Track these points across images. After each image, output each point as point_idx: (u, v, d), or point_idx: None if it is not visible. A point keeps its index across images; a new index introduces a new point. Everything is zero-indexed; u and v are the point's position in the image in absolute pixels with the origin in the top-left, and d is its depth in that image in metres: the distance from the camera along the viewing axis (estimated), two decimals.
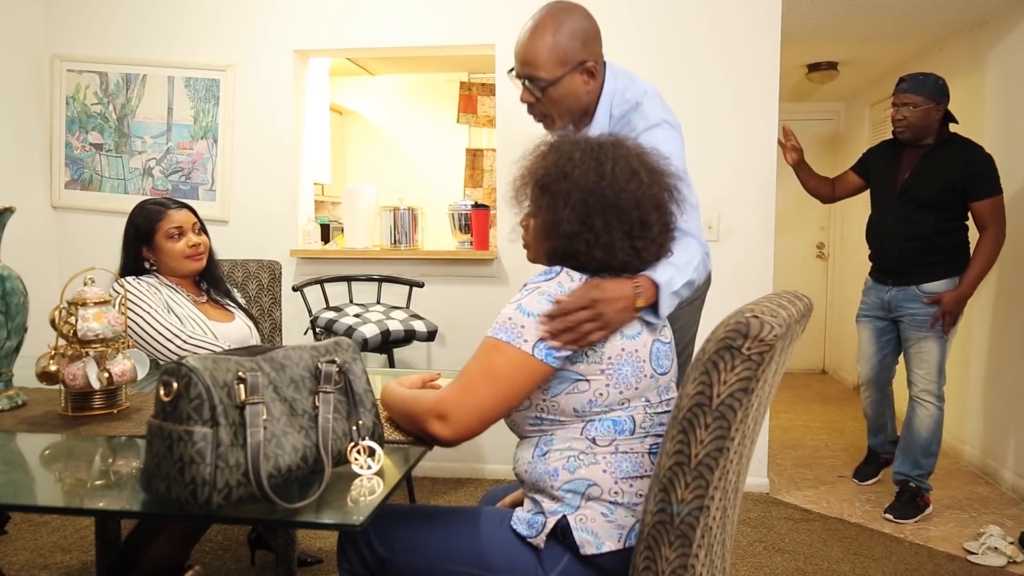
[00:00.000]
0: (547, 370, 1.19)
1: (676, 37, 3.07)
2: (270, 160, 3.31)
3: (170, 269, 2.06)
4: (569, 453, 1.22)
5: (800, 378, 5.71)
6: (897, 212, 2.90)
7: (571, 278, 1.22)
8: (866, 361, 3.11)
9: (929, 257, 2.84)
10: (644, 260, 1.26)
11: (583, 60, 1.65)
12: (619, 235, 1.22)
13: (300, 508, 1.00)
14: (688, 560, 1.05)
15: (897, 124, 2.88)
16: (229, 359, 1.05)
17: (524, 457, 1.27)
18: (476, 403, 1.17)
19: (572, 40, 1.63)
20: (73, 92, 3.38)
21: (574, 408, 1.22)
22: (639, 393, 1.23)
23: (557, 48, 1.62)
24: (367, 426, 1.19)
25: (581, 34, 1.65)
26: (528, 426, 1.27)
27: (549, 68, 1.63)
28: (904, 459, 2.96)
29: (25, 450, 1.32)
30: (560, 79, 1.64)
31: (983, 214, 2.79)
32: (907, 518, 2.89)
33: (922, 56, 4.27)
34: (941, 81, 2.83)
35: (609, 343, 1.20)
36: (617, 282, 1.23)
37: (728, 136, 3.06)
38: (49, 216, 3.42)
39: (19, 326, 1.58)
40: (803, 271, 5.80)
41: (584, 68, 1.66)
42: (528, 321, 1.18)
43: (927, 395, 2.91)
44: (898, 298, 2.93)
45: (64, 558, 2.48)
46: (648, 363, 1.24)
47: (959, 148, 2.83)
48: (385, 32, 3.19)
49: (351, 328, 2.77)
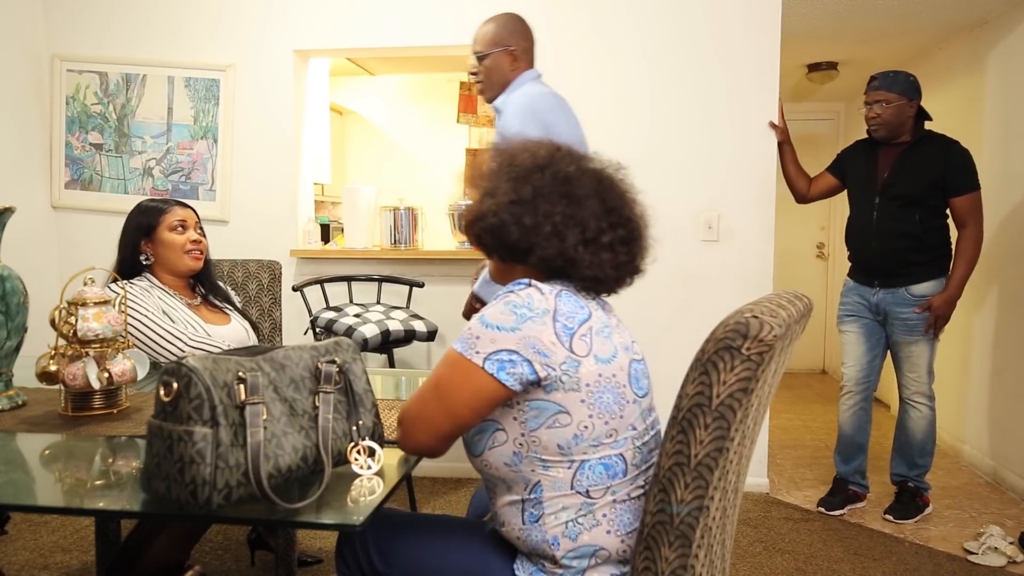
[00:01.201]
0: (500, 388, 1.08)
1: (676, 37, 3.07)
2: (270, 160, 3.31)
3: (168, 264, 2.01)
4: (566, 517, 1.12)
5: (800, 378, 5.71)
6: (882, 211, 2.86)
7: (540, 291, 1.12)
8: (855, 362, 2.99)
9: (917, 256, 2.81)
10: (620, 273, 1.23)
11: (508, 45, 2.25)
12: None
13: (300, 508, 1.00)
14: (688, 560, 1.05)
15: (871, 122, 2.85)
16: (229, 359, 1.05)
17: (512, 522, 1.16)
18: (422, 416, 1.13)
19: (503, 30, 2.26)
20: (73, 92, 3.38)
21: (558, 445, 1.10)
22: (625, 422, 1.14)
23: (491, 32, 2.25)
24: (367, 426, 1.19)
25: (511, 28, 2.27)
26: (504, 466, 1.14)
27: (484, 44, 2.26)
28: (900, 460, 2.94)
29: (25, 450, 1.32)
30: (490, 53, 2.25)
31: (963, 210, 2.76)
32: (907, 518, 2.87)
33: (922, 56, 4.27)
34: (912, 78, 2.81)
35: (583, 367, 1.09)
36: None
37: (728, 136, 3.06)
38: (49, 216, 3.42)
39: (19, 326, 1.58)
40: (803, 271, 5.80)
41: (509, 51, 2.25)
42: (485, 332, 1.08)
43: (920, 397, 2.87)
44: (887, 300, 2.87)
45: (64, 558, 2.48)
46: (628, 387, 1.15)
47: (938, 144, 2.81)
48: (385, 32, 3.19)
49: (351, 328, 2.77)
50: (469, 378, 1.08)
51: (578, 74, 3.12)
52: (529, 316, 1.08)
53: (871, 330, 2.95)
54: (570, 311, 1.12)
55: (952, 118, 3.94)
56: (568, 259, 1.17)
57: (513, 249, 1.19)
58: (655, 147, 3.10)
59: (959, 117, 3.86)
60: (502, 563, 1.20)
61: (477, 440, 1.16)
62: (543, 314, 1.09)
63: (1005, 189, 3.35)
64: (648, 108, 3.10)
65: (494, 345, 1.08)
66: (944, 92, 4.08)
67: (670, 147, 3.09)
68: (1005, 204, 3.35)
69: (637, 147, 3.11)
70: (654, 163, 3.09)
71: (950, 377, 3.85)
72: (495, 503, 1.20)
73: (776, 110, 3.04)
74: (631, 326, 3.44)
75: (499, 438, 1.13)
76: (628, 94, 3.11)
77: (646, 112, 3.10)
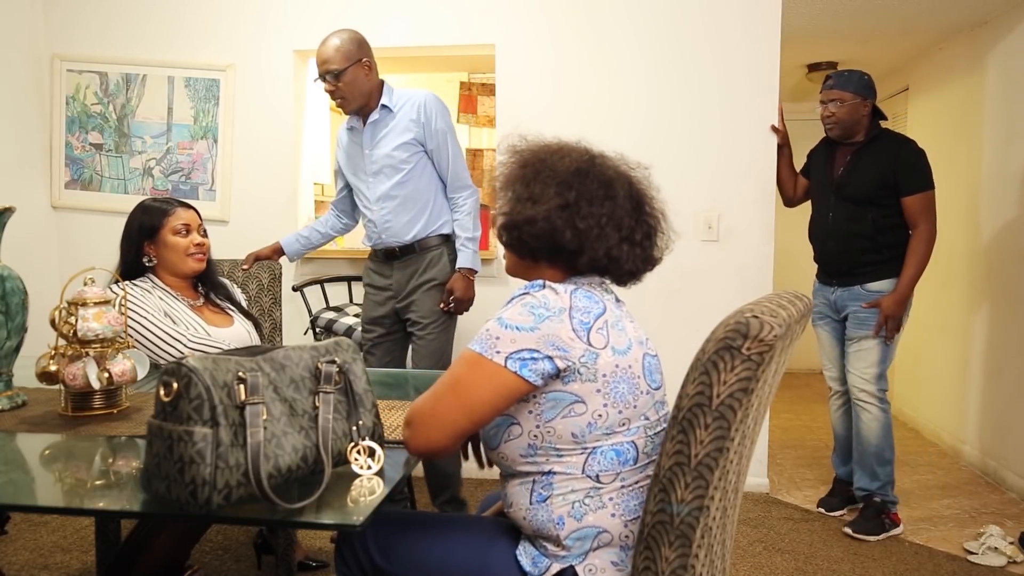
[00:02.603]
0: (522, 384, 1.11)
1: (676, 38, 3.06)
2: (270, 160, 3.31)
3: (171, 267, 2.02)
4: (573, 498, 1.15)
5: (800, 378, 5.70)
6: (837, 211, 2.84)
7: (555, 291, 1.16)
8: (832, 363, 2.97)
9: (872, 256, 2.77)
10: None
11: (360, 57, 2.42)
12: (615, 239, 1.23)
13: (300, 508, 1.00)
14: (688, 560, 1.05)
15: (826, 121, 2.84)
16: (229, 359, 1.05)
17: (520, 502, 1.19)
18: (439, 414, 1.14)
19: (351, 44, 2.42)
20: (73, 92, 3.38)
21: (572, 433, 1.14)
22: (638, 412, 1.18)
23: (342, 48, 2.40)
24: (367, 426, 1.19)
25: (357, 41, 2.44)
26: (519, 457, 1.18)
27: (339, 61, 2.39)
28: (860, 472, 2.82)
29: (25, 450, 1.32)
30: (346, 69, 2.39)
31: (913, 210, 2.72)
32: (869, 533, 2.72)
33: (922, 56, 4.27)
34: (867, 77, 2.81)
35: (601, 359, 1.13)
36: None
37: (728, 136, 3.06)
38: (49, 216, 3.42)
39: (19, 326, 1.58)
40: (803, 271, 5.79)
41: (362, 63, 2.43)
42: (504, 333, 1.12)
43: (866, 396, 2.78)
44: (843, 298, 2.85)
45: (64, 558, 2.48)
46: (643, 379, 1.19)
47: (890, 143, 2.80)
48: (385, 32, 3.19)
49: (351, 328, 2.77)
50: (491, 377, 1.11)
51: (579, 75, 3.12)
52: (547, 315, 1.12)
53: (837, 330, 2.94)
54: (585, 306, 1.16)
55: (952, 118, 3.95)
56: (612, 258, 1.23)
57: (563, 251, 1.22)
58: (655, 147, 3.09)
59: (959, 117, 3.86)
60: (504, 553, 1.22)
61: (493, 435, 1.21)
62: (560, 312, 1.13)
63: (1005, 189, 3.35)
64: (648, 108, 3.10)
65: (515, 345, 1.11)
66: (944, 92, 4.08)
67: (670, 147, 3.09)
68: (1005, 204, 3.35)
69: (637, 147, 3.07)
70: (654, 163, 3.03)
71: (950, 377, 3.85)
72: (505, 485, 1.24)
73: (776, 111, 3.03)
74: None
75: (514, 432, 1.17)
76: (628, 94, 3.11)
77: (646, 112, 3.10)
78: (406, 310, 2.58)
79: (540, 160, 1.26)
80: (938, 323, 4.00)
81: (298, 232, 2.72)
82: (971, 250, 3.67)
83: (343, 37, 2.42)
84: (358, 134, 2.55)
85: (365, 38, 2.49)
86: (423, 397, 1.17)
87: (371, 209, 2.55)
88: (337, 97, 2.45)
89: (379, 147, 2.50)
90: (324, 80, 2.42)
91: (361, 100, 2.46)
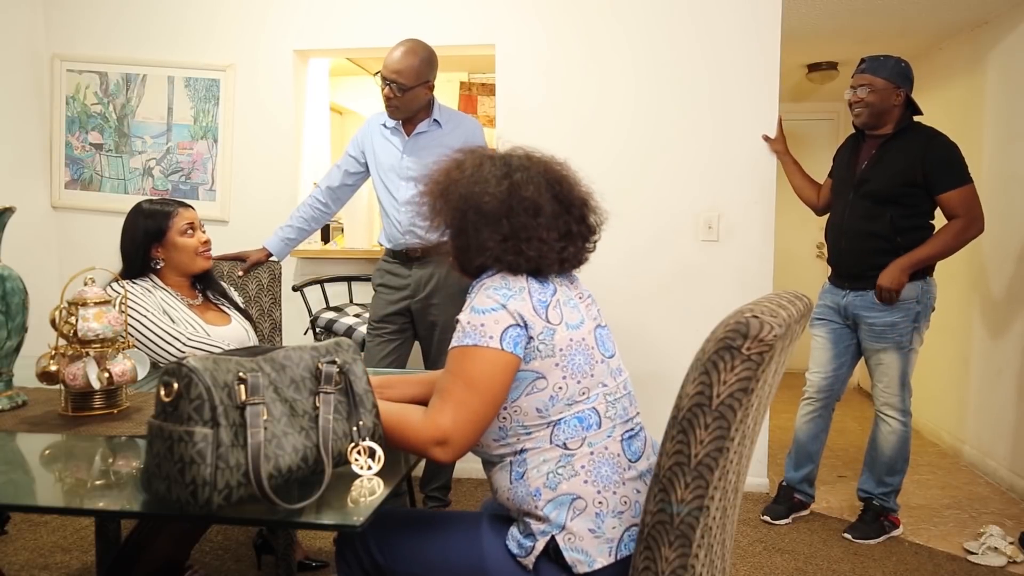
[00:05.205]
0: (517, 361, 1.20)
1: (676, 37, 3.06)
2: (270, 160, 3.31)
3: (180, 267, 2.03)
4: (546, 468, 1.22)
5: (800, 378, 5.67)
6: (853, 208, 2.65)
7: (511, 275, 1.26)
8: (820, 368, 2.83)
9: (888, 259, 2.57)
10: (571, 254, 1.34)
11: (428, 79, 2.53)
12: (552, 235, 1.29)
13: (300, 509, 1.00)
14: (688, 560, 1.05)
15: (853, 107, 2.63)
16: (229, 359, 1.05)
17: (502, 484, 1.26)
18: (470, 418, 1.17)
19: (425, 65, 2.49)
20: (73, 92, 3.38)
21: (537, 409, 1.22)
22: (596, 380, 1.26)
23: (417, 68, 2.47)
24: (367, 427, 1.19)
25: (430, 62, 2.51)
26: (493, 442, 1.25)
27: (410, 79, 2.46)
28: (868, 476, 2.77)
29: (25, 450, 1.32)
30: (414, 87, 2.48)
31: (952, 205, 2.51)
32: (868, 538, 2.68)
33: (922, 56, 4.27)
34: (904, 64, 2.59)
35: (558, 334, 1.22)
36: None
37: (728, 136, 3.06)
38: (49, 216, 3.42)
39: (19, 326, 1.58)
40: (803, 271, 5.80)
41: (428, 84, 2.53)
42: (485, 319, 1.19)
43: (889, 409, 2.68)
44: (855, 304, 2.67)
45: (64, 558, 2.48)
46: (596, 349, 1.27)
47: (918, 137, 2.57)
48: (385, 32, 3.18)
49: (351, 328, 2.77)
50: (495, 361, 1.18)
51: (579, 75, 3.12)
52: (510, 295, 1.22)
53: (839, 336, 2.78)
54: (539, 288, 1.26)
55: (952, 118, 3.94)
56: (564, 259, 1.32)
57: (521, 269, 1.28)
58: (655, 147, 3.10)
59: (959, 117, 3.86)
60: (500, 544, 1.24)
61: None
62: (521, 291, 1.24)
63: (1005, 189, 3.35)
64: (649, 108, 3.10)
65: (499, 325, 1.19)
66: (944, 92, 4.08)
67: (671, 147, 3.09)
68: (1005, 204, 3.35)
69: (638, 147, 3.11)
70: (655, 163, 3.09)
71: (950, 377, 3.85)
72: (489, 474, 1.30)
73: (775, 111, 3.03)
74: (632, 326, 3.42)
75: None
76: (628, 94, 3.10)
77: (647, 112, 3.10)
78: (425, 311, 2.60)
79: (463, 200, 1.30)
80: (938, 323, 4.00)
81: (283, 235, 2.70)
82: (971, 250, 3.66)
83: (420, 56, 2.47)
84: (398, 136, 2.61)
85: (436, 56, 2.55)
86: (444, 415, 1.17)
87: (399, 210, 2.58)
88: (392, 105, 2.51)
89: (421, 156, 2.52)
90: (387, 84, 2.46)
91: (412, 113, 2.55)
